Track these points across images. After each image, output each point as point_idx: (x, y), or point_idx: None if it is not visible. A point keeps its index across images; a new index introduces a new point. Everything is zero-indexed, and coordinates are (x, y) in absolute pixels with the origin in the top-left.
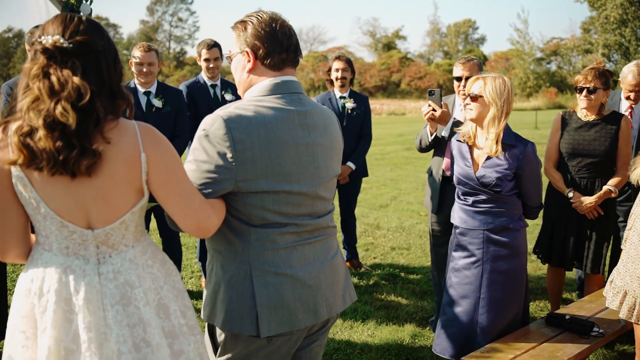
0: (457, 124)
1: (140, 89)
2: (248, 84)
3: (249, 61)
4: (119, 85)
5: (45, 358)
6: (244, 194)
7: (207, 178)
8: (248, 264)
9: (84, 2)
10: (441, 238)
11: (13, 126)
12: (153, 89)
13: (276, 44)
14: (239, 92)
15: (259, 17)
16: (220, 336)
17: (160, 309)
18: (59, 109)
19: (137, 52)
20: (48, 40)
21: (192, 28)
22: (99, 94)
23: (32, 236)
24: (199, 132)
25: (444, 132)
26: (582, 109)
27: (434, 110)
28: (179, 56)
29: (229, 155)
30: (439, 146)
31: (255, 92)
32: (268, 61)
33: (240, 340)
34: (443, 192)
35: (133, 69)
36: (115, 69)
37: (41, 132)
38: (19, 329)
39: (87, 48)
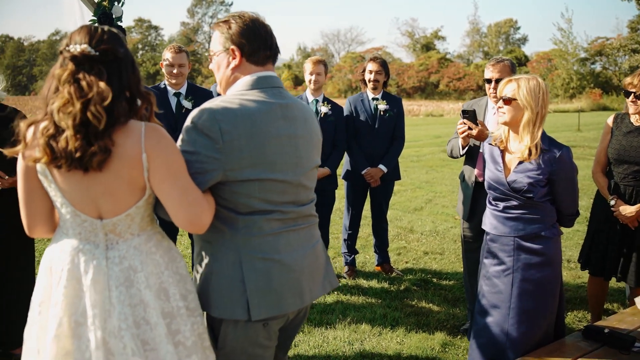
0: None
1: (171, 90)
2: (233, 80)
3: (234, 58)
4: (138, 88)
5: (56, 328)
6: (232, 182)
7: (197, 169)
8: (237, 251)
9: (116, 4)
10: (473, 244)
11: (40, 126)
12: (183, 90)
13: (261, 41)
14: (220, 89)
15: (242, 17)
16: (218, 325)
17: (160, 291)
18: (91, 110)
19: (167, 54)
20: (77, 48)
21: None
22: (118, 98)
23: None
24: (187, 124)
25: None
26: (632, 114)
27: (469, 128)
28: None
29: (217, 145)
30: (471, 152)
31: (239, 87)
32: (253, 58)
33: (238, 327)
34: (475, 198)
35: (164, 70)
36: (134, 74)
37: (68, 133)
38: (38, 301)
39: (111, 56)
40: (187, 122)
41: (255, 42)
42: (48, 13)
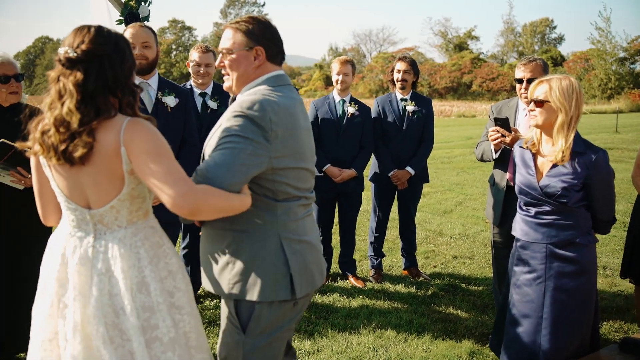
0: None
1: (196, 90)
2: (254, 77)
3: (255, 58)
4: (124, 83)
5: (49, 308)
6: (274, 171)
7: (250, 152)
8: (277, 236)
9: (142, 3)
10: (504, 250)
11: (42, 123)
12: (209, 90)
13: (279, 43)
14: (235, 86)
15: (263, 19)
16: (250, 310)
17: (142, 285)
18: (64, 109)
19: (194, 54)
20: (61, 52)
21: None
22: (97, 94)
23: None
24: (236, 113)
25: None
26: None
27: (503, 136)
28: None
29: (266, 134)
30: (502, 155)
31: (264, 84)
32: (275, 59)
33: (273, 309)
34: (507, 202)
35: (190, 70)
36: (121, 69)
37: (52, 130)
38: (40, 283)
39: (90, 55)
40: (236, 111)
41: (276, 44)
42: (82, 14)
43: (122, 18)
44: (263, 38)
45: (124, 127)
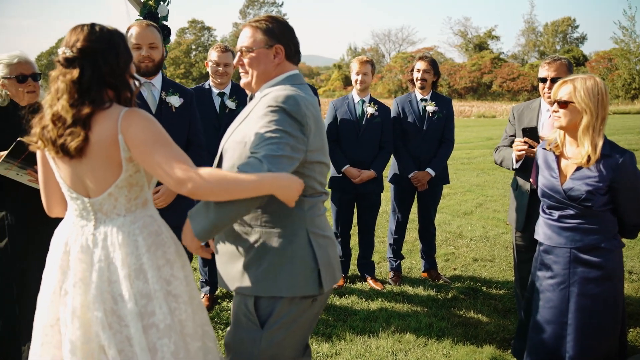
0: None
1: (215, 90)
2: (274, 75)
3: (275, 56)
4: (120, 76)
5: (52, 294)
6: (305, 165)
7: (292, 146)
8: (305, 230)
9: (161, 3)
10: (526, 254)
11: (43, 119)
12: (227, 90)
13: (296, 43)
14: (255, 83)
15: (281, 19)
16: (271, 306)
17: (140, 272)
18: (60, 105)
19: (213, 53)
20: (59, 52)
21: None
22: (97, 87)
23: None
24: (273, 108)
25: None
26: None
27: (530, 147)
28: None
29: (303, 128)
30: (525, 163)
31: (284, 82)
32: (293, 58)
33: (293, 304)
34: (531, 207)
35: (209, 69)
36: (117, 63)
37: (50, 125)
38: (46, 270)
39: (85, 52)
40: (272, 105)
41: (295, 43)
42: (103, 13)
43: (141, 18)
44: (282, 37)
45: (121, 116)
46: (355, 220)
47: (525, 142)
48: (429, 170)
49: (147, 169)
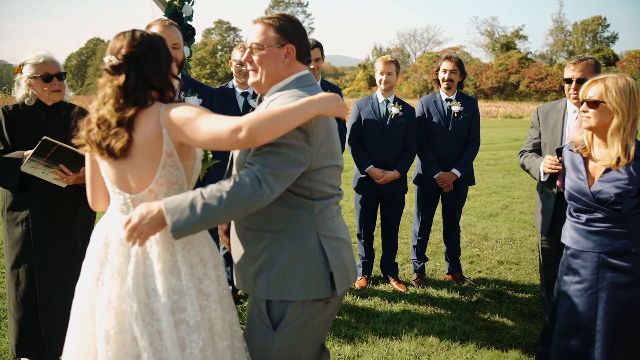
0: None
1: (238, 90)
2: (283, 76)
3: (286, 56)
4: (163, 77)
5: (89, 284)
6: (312, 171)
7: (294, 159)
8: (316, 234)
9: (186, 3)
10: (552, 258)
11: (89, 123)
12: (251, 90)
13: (307, 43)
14: (264, 82)
15: (294, 18)
16: (283, 308)
17: (174, 269)
18: (106, 109)
19: (237, 53)
20: (105, 61)
21: (307, 30)
22: (142, 89)
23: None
24: None
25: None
26: None
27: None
28: None
29: (309, 138)
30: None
31: (294, 84)
32: (303, 58)
33: (305, 307)
34: (557, 210)
35: (232, 69)
36: (160, 65)
37: (95, 128)
38: (85, 261)
39: (129, 58)
40: None
41: (306, 43)
42: (130, 14)
43: (165, 18)
44: (295, 36)
45: (162, 111)
46: (378, 221)
47: (559, 161)
48: (454, 171)
49: (201, 144)
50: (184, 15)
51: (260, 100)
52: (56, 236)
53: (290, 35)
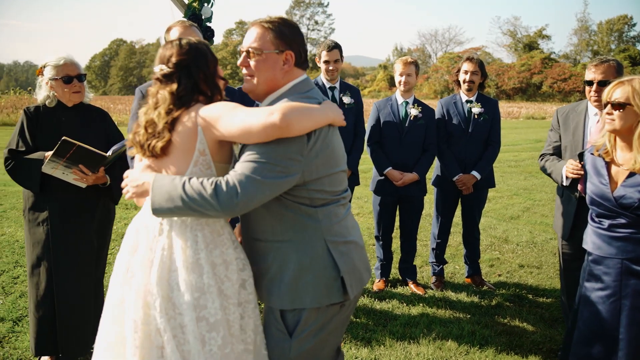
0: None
1: (326, 84)
2: (281, 83)
3: (285, 63)
4: (214, 79)
5: (121, 275)
6: (307, 182)
7: (278, 169)
8: (323, 240)
9: (205, 5)
10: (573, 263)
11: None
12: (337, 85)
13: (306, 49)
14: (261, 89)
15: (293, 22)
16: (297, 315)
17: (196, 266)
18: (156, 113)
19: (323, 52)
20: (157, 70)
21: (327, 31)
22: (190, 94)
23: None
24: None
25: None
26: None
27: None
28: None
29: (303, 149)
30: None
31: (292, 91)
32: (302, 65)
33: (320, 312)
34: (578, 214)
35: (321, 66)
36: (208, 68)
37: (142, 130)
38: (119, 253)
39: (179, 66)
40: None
41: (304, 49)
42: (150, 16)
43: (185, 19)
44: (294, 42)
45: (199, 110)
46: (397, 223)
47: (582, 166)
48: (474, 173)
49: (236, 137)
50: (203, 17)
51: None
52: (74, 236)
53: (289, 41)
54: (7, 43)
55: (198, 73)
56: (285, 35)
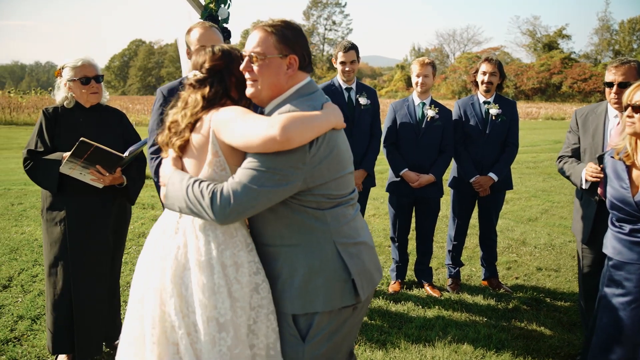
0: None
1: (343, 85)
2: (284, 88)
3: (288, 67)
4: (243, 85)
5: (143, 271)
6: (312, 188)
7: (276, 178)
8: (332, 243)
9: (222, 6)
10: (592, 267)
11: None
12: (354, 86)
13: (309, 53)
14: (265, 94)
15: (297, 25)
16: (309, 319)
17: (207, 266)
18: (181, 114)
19: (340, 53)
20: (190, 76)
21: (345, 31)
22: (220, 96)
23: None
24: None
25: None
26: None
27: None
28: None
29: (304, 156)
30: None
31: (295, 95)
32: (306, 68)
33: (332, 315)
34: (597, 218)
35: (337, 67)
36: (239, 73)
37: (166, 130)
38: (142, 252)
39: (212, 71)
40: None
41: (308, 52)
42: (168, 17)
43: (202, 20)
44: (297, 46)
45: (213, 114)
46: (413, 225)
47: (602, 169)
48: (491, 175)
49: (239, 147)
50: (219, 18)
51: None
52: (90, 236)
53: (293, 44)
54: (28, 44)
55: (230, 78)
56: (289, 38)
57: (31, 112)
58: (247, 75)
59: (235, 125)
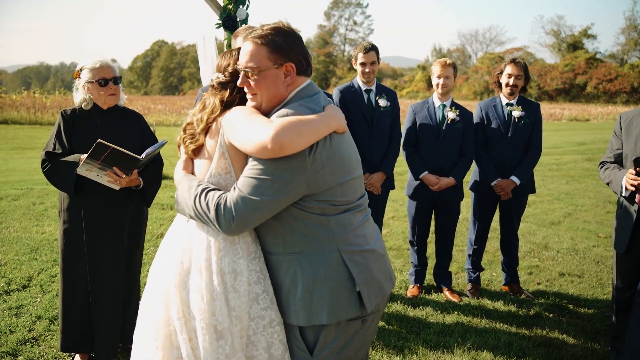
0: None
1: (362, 86)
2: (285, 94)
3: (286, 75)
4: None
5: (155, 275)
6: (316, 194)
7: (276, 187)
8: (337, 251)
9: (240, 7)
10: (627, 279)
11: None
12: (373, 88)
13: (307, 55)
14: (266, 107)
15: (288, 29)
16: (317, 332)
17: (207, 271)
18: (197, 116)
19: (360, 54)
20: (213, 78)
21: (366, 31)
22: (239, 101)
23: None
24: None
25: None
26: None
27: None
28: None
29: (305, 162)
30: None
31: (296, 99)
32: (305, 71)
33: (340, 328)
34: (637, 228)
35: (357, 68)
36: None
37: (182, 132)
38: (157, 253)
39: (236, 74)
40: None
41: (306, 56)
42: (188, 18)
43: (220, 22)
44: (292, 52)
45: (224, 117)
46: (432, 228)
47: (637, 173)
48: (513, 178)
49: (240, 149)
50: (238, 19)
51: None
52: (107, 238)
53: (287, 52)
54: (54, 45)
55: None
56: (281, 46)
57: (55, 112)
58: (246, 90)
59: (238, 128)
